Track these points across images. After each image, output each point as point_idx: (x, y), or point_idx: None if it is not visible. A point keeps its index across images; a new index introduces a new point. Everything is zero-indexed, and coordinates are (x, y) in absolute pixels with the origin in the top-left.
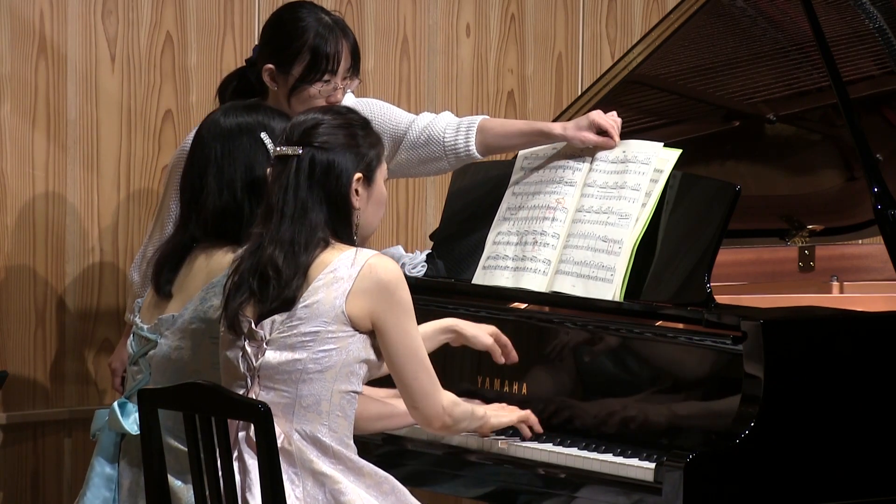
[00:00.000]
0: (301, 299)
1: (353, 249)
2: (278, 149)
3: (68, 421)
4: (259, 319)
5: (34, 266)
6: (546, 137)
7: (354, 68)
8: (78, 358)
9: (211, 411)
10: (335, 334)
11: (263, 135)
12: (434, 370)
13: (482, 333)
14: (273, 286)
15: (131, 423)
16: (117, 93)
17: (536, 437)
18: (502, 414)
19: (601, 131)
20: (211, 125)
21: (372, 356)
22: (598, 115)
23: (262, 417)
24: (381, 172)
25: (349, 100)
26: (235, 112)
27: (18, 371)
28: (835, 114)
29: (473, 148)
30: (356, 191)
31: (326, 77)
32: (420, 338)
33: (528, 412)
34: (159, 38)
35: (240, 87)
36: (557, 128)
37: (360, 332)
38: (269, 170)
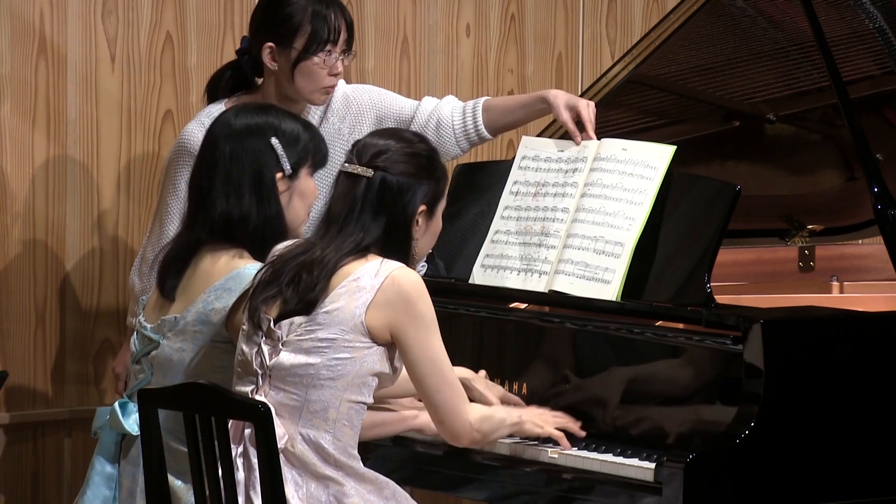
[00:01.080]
0: (322, 304)
1: (378, 260)
2: (347, 166)
3: (68, 421)
4: (279, 319)
5: (34, 266)
6: (544, 103)
7: (350, 43)
8: (78, 358)
9: (211, 411)
10: (352, 344)
11: (274, 139)
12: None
13: (491, 395)
14: (301, 286)
15: (132, 423)
16: (117, 93)
17: (537, 438)
18: (538, 423)
19: (579, 122)
20: (221, 125)
21: (386, 370)
22: (586, 107)
23: (261, 418)
24: (442, 205)
25: (346, 87)
26: (246, 113)
27: (18, 371)
28: (835, 114)
29: (483, 128)
30: (417, 221)
31: (328, 47)
32: (444, 351)
33: (566, 421)
34: (159, 38)
35: (234, 78)
36: (551, 94)
37: (378, 345)
38: (278, 175)
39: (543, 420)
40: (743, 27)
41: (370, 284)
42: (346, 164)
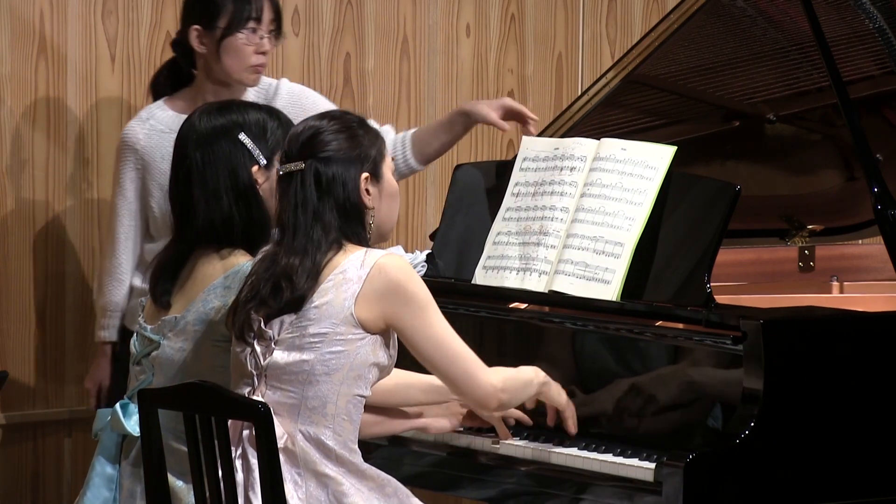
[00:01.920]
0: (311, 300)
1: (362, 250)
2: (281, 167)
3: (68, 421)
4: (268, 319)
5: (34, 266)
6: (465, 115)
7: (278, 24)
8: (78, 358)
9: (211, 411)
10: (344, 336)
11: (242, 135)
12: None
13: None
14: (285, 294)
15: (133, 424)
16: (117, 93)
17: (536, 438)
18: (556, 389)
19: (515, 115)
20: (187, 132)
21: (381, 359)
22: (514, 101)
23: (261, 417)
24: (387, 165)
25: (292, 85)
26: (209, 115)
27: (18, 371)
28: (835, 114)
29: (412, 159)
30: (367, 191)
31: (252, 25)
32: (447, 325)
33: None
34: (159, 38)
35: (173, 74)
36: (469, 104)
37: (371, 334)
38: (254, 168)
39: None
40: (743, 27)
41: (357, 276)
42: (280, 166)
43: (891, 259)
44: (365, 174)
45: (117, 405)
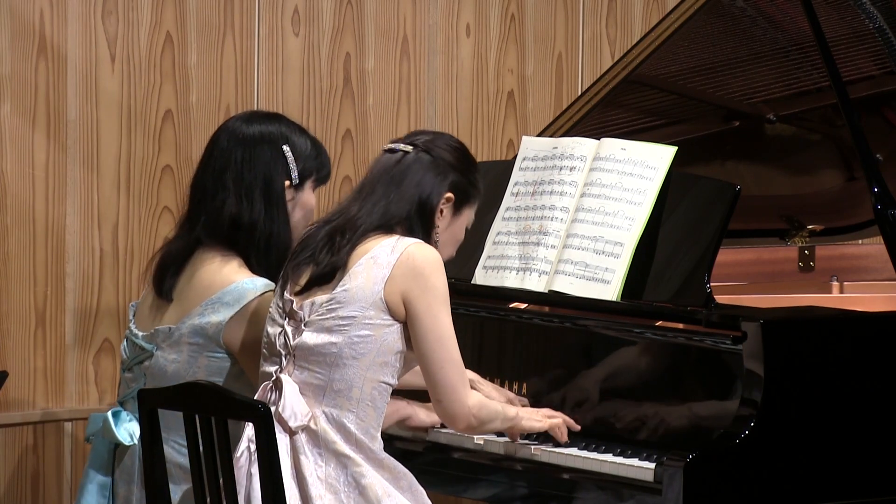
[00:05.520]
0: (341, 283)
1: (394, 237)
2: (389, 144)
3: (68, 421)
4: (304, 290)
5: (34, 266)
6: None
7: None
8: (78, 358)
9: (211, 411)
10: (372, 321)
11: (286, 147)
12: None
13: (498, 395)
14: (333, 248)
15: (124, 433)
16: (117, 93)
17: (536, 438)
18: (535, 418)
19: None
20: (231, 131)
21: (408, 348)
22: None
23: (261, 418)
24: (469, 213)
25: None
26: (258, 120)
27: (18, 371)
28: (835, 114)
29: None
30: (441, 210)
31: None
32: (452, 330)
33: (560, 417)
34: (159, 38)
35: None
36: None
37: (398, 322)
38: (285, 183)
39: (541, 414)
40: (743, 27)
41: (387, 261)
42: (388, 143)
43: (891, 259)
44: (449, 193)
45: (109, 412)
